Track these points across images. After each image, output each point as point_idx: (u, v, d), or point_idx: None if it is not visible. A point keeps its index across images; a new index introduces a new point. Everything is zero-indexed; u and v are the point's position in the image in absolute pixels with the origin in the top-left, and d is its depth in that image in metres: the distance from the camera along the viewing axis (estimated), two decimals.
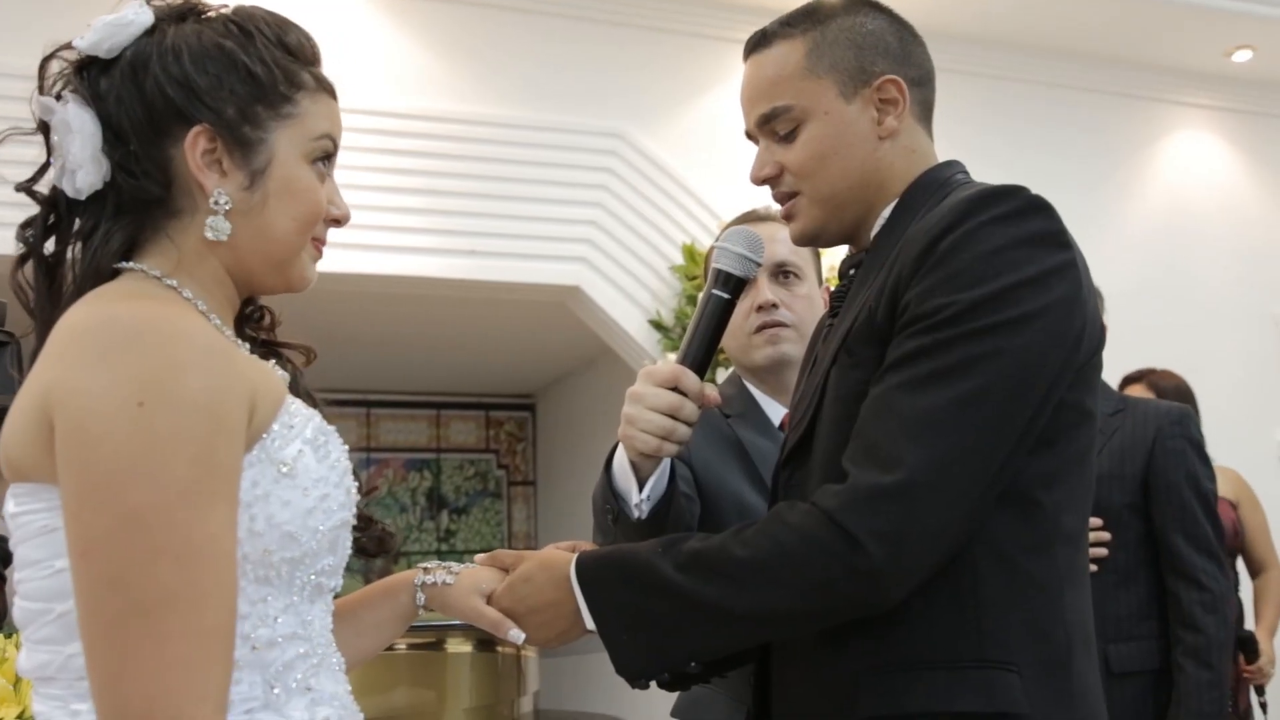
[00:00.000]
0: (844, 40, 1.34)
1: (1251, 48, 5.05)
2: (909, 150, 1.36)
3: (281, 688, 1.03)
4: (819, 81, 1.33)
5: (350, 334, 5.61)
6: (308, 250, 1.16)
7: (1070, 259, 1.21)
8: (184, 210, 1.10)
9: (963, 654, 1.18)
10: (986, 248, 1.17)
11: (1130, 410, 2.62)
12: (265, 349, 1.22)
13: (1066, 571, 1.23)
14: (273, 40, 1.13)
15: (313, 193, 1.13)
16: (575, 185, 4.31)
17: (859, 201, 1.35)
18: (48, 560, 0.99)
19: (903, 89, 1.34)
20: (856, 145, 1.33)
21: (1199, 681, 2.41)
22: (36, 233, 1.12)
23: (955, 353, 1.14)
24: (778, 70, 1.35)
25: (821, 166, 1.33)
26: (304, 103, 1.13)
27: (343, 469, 1.12)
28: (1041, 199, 1.23)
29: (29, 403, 0.98)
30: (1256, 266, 5.28)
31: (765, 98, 1.35)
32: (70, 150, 1.08)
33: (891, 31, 1.38)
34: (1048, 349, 1.17)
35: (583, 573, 1.26)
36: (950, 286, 1.16)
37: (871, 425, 1.17)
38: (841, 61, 1.34)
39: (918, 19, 1.46)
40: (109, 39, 1.09)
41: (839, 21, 1.36)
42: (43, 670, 1.01)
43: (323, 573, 1.09)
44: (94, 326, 0.98)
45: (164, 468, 0.92)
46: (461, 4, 4.31)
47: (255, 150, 1.10)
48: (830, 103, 1.33)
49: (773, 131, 1.36)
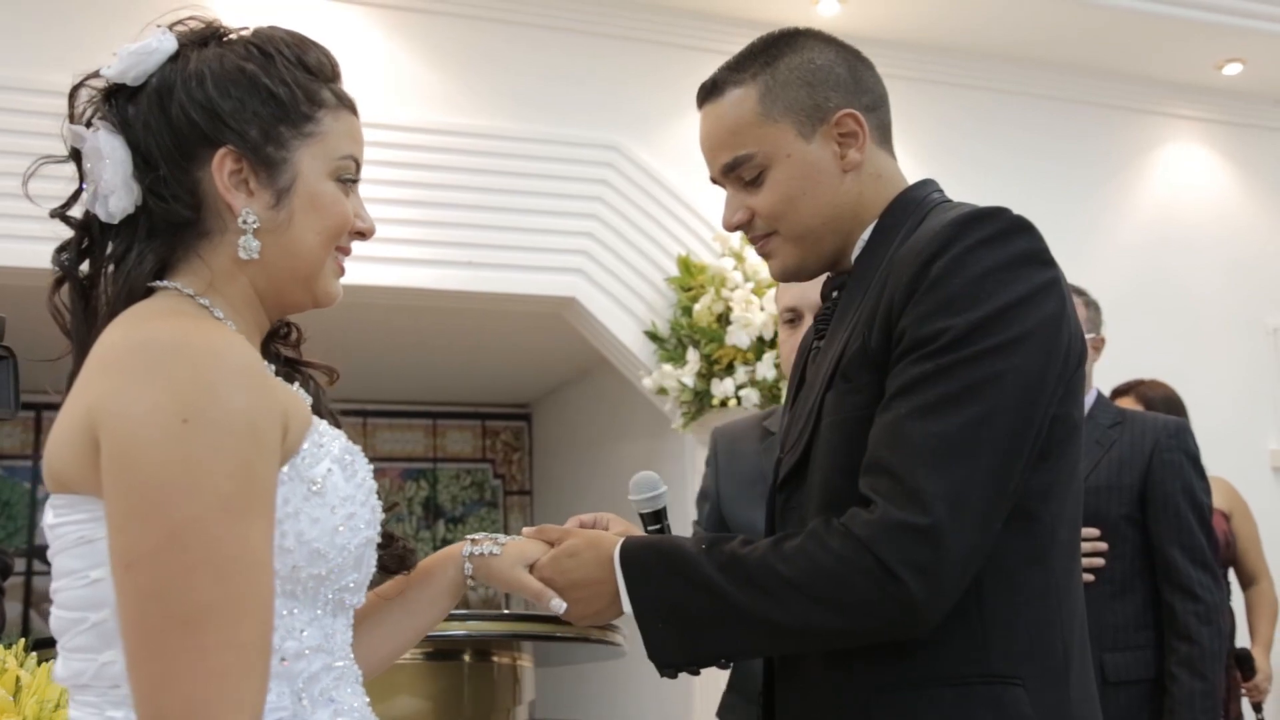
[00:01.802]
0: (795, 80, 1.35)
1: (1241, 60, 5.09)
2: (875, 177, 1.37)
3: (308, 699, 1.06)
4: (776, 125, 1.34)
5: (347, 344, 5.60)
6: (330, 265, 1.18)
7: (1054, 276, 1.24)
8: (214, 231, 1.13)
9: (970, 670, 1.20)
10: (976, 271, 1.20)
11: (1128, 423, 2.64)
12: (290, 367, 1.25)
13: (1064, 582, 1.26)
14: (293, 60, 1.16)
15: (338, 205, 1.16)
16: (571, 197, 4.33)
17: (834, 234, 1.37)
18: (84, 570, 1.01)
19: (860, 120, 1.35)
20: (823, 182, 1.34)
21: (1192, 691, 2.42)
22: (71, 256, 1.15)
23: (960, 378, 1.17)
24: (734, 119, 1.36)
25: (792, 208, 1.35)
26: (326, 120, 1.16)
27: (369, 488, 1.14)
28: (1023, 219, 1.25)
29: (73, 419, 1.00)
30: (1247, 277, 5.31)
31: (726, 147, 1.37)
32: (102, 176, 1.10)
33: (840, 62, 1.38)
34: (1044, 366, 1.20)
35: (627, 557, 1.29)
36: (946, 311, 1.19)
37: (887, 454, 1.19)
38: (796, 102, 1.34)
39: (915, 33, 1.49)
40: (135, 67, 1.12)
41: (787, 61, 1.36)
42: (78, 678, 1.03)
43: (346, 589, 1.11)
44: (135, 345, 1.00)
45: (206, 483, 0.94)
46: (458, 17, 4.33)
47: (280, 169, 1.13)
48: (791, 144, 1.34)
49: (738, 178, 1.37)
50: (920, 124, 4.91)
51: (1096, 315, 2.80)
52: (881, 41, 4.81)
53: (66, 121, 1.14)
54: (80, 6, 3.76)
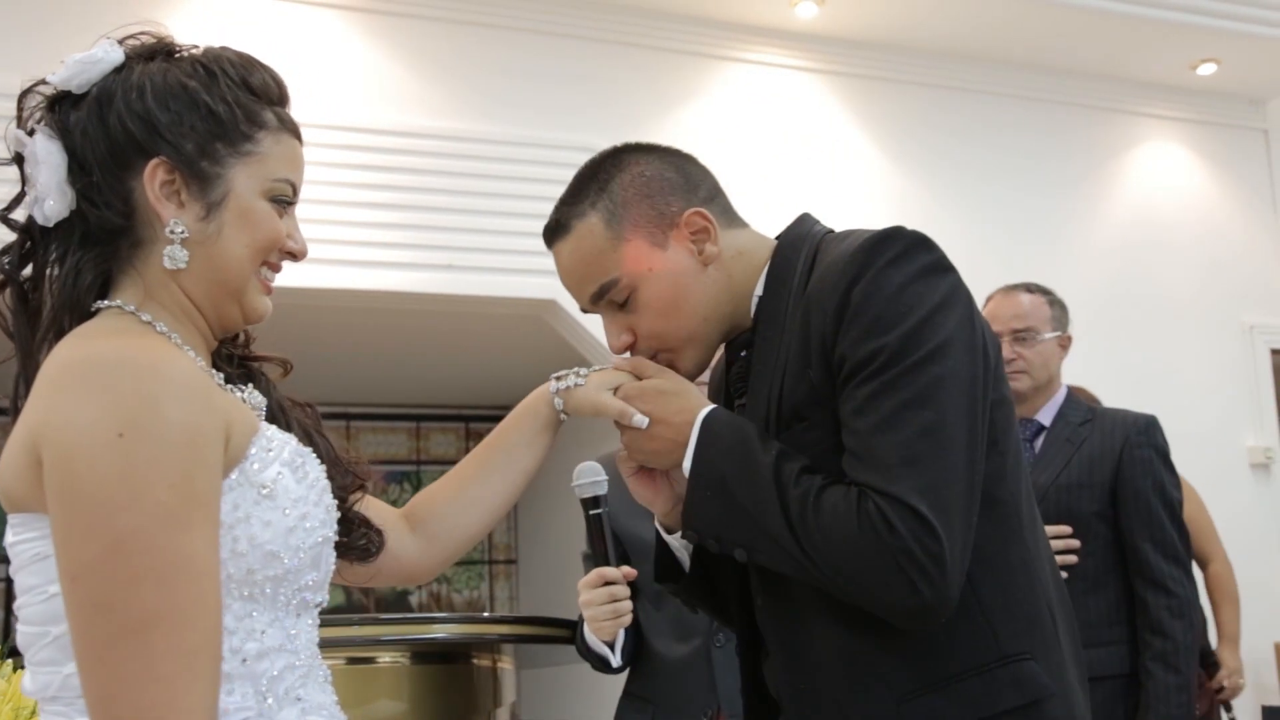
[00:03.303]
0: (633, 196, 1.38)
1: (1216, 61, 5.13)
2: (738, 255, 1.41)
3: (273, 698, 1.08)
4: (629, 244, 1.37)
5: (329, 347, 5.61)
6: (255, 282, 1.19)
7: (955, 278, 1.31)
8: (145, 240, 1.15)
9: (987, 658, 1.26)
10: (891, 289, 1.26)
11: (1098, 420, 2.66)
12: (243, 365, 1.26)
13: (1033, 551, 1.33)
14: (236, 81, 1.17)
15: (269, 222, 1.18)
16: (550, 199, 4.25)
17: (718, 320, 1.41)
18: (42, 586, 1.04)
19: (706, 215, 1.39)
20: (690, 284, 1.38)
21: (1167, 685, 2.44)
22: (13, 260, 1.17)
23: (906, 388, 1.23)
24: (587, 250, 1.38)
25: (670, 320, 1.38)
26: (265, 142, 1.17)
27: (321, 487, 1.16)
28: (920, 234, 1.31)
29: (20, 438, 1.03)
30: (1223, 275, 5.35)
31: (589, 279, 1.39)
32: (39, 180, 1.13)
33: (668, 167, 1.42)
34: (972, 362, 1.27)
35: (708, 422, 1.33)
36: (875, 331, 1.25)
37: (864, 474, 1.23)
38: (641, 217, 1.38)
39: (893, 35, 1.51)
40: (80, 75, 1.14)
41: (618, 180, 1.39)
42: (45, 690, 1.06)
43: (306, 588, 1.13)
44: (76, 363, 1.02)
45: (145, 494, 0.96)
46: (435, 20, 4.34)
47: (212, 184, 1.14)
48: (649, 258, 1.37)
49: (610, 303, 1.40)
50: (898, 125, 4.94)
51: (1063, 314, 2.82)
52: (859, 43, 4.83)
53: (13, 125, 1.16)
54: (63, 13, 3.75)
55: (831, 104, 4.81)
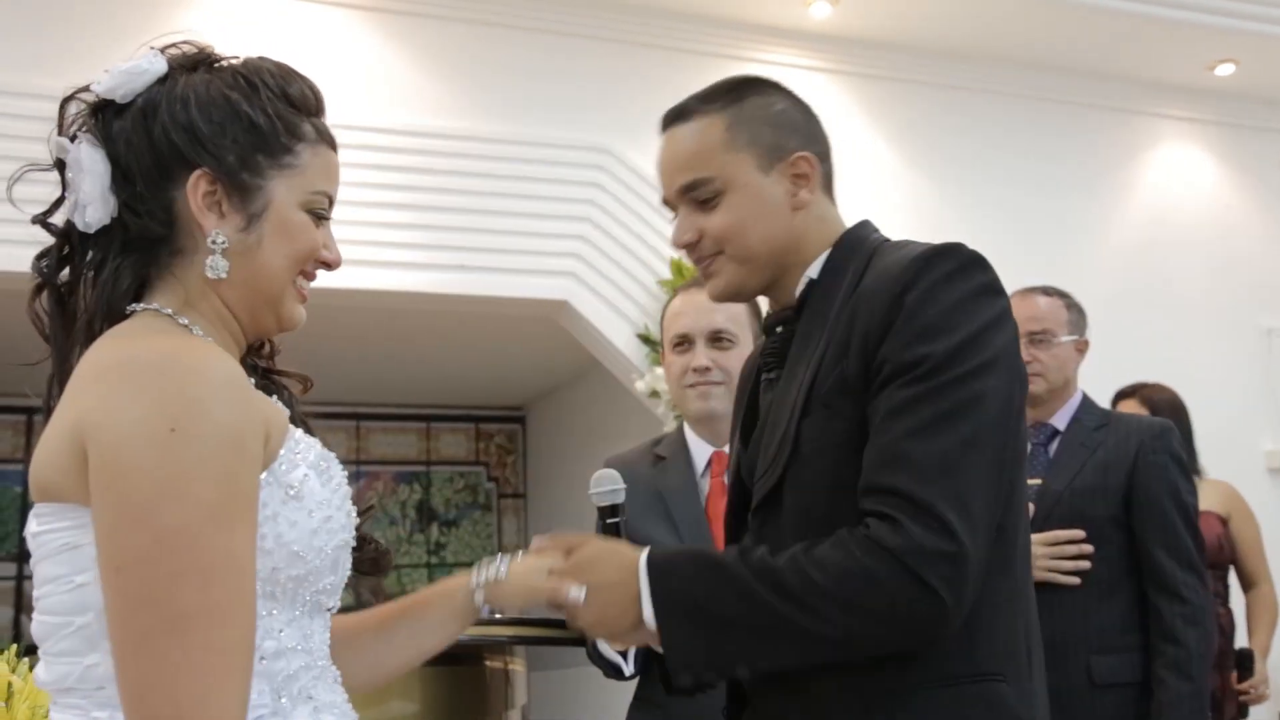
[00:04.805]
0: (760, 118, 1.44)
1: (1234, 61, 5.10)
2: (819, 219, 1.46)
3: (288, 696, 1.10)
4: (738, 155, 1.42)
5: (340, 347, 5.62)
6: (292, 291, 1.22)
7: (1006, 305, 1.34)
8: (186, 249, 1.17)
9: (961, 671, 1.27)
10: (947, 302, 1.29)
11: (1113, 425, 2.64)
12: (265, 377, 1.29)
13: (1022, 586, 1.36)
14: (276, 92, 1.20)
15: (307, 232, 1.20)
16: (563, 200, 4.33)
17: (775, 265, 1.45)
18: (69, 576, 1.05)
19: (814, 164, 1.45)
20: (773, 215, 1.43)
21: (1180, 694, 2.42)
22: (51, 263, 1.19)
23: (948, 397, 1.26)
24: (700, 143, 1.43)
25: (741, 233, 1.42)
26: (304, 154, 1.20)
27: (344, 493, 1.18)
28: (978, 254, 1.34)
29: (60, 431, 1.05)
30: (1241, 278, 5.32)
31: (688, 169, 1.44)
32: (82, 187, 1.15)
33: (798, 111, 1.49)
34: (1010, 385, 1.30)
35: (654, 561, 1.30)
36: (924, 339, 1.27)
37: (892, 474, 1.24)
38: (759, 137, 1.43)
39: (908, 35, 1.52)
40: (124, 85, 1.17)
41: (753, 100, 1.46)
42: (62, 681, 1.06)
43: (323, 591, 1.15)
44: (122, 361, 1.05)
45: (192, 492, 0.98)
46: (449, 20, 4.33)
47: (253, 195, 1.17)
48: (749, 175, 1.42)
49: (693, 200, 1.44)
50: (912, 126, 4.92)
51: (1080, 318, 2.80)
52: (873, 43, 4.81)
53: (55, 132, 1.18)
54: (71, 14, 3.76)
55: (845, 104, 4.79)
